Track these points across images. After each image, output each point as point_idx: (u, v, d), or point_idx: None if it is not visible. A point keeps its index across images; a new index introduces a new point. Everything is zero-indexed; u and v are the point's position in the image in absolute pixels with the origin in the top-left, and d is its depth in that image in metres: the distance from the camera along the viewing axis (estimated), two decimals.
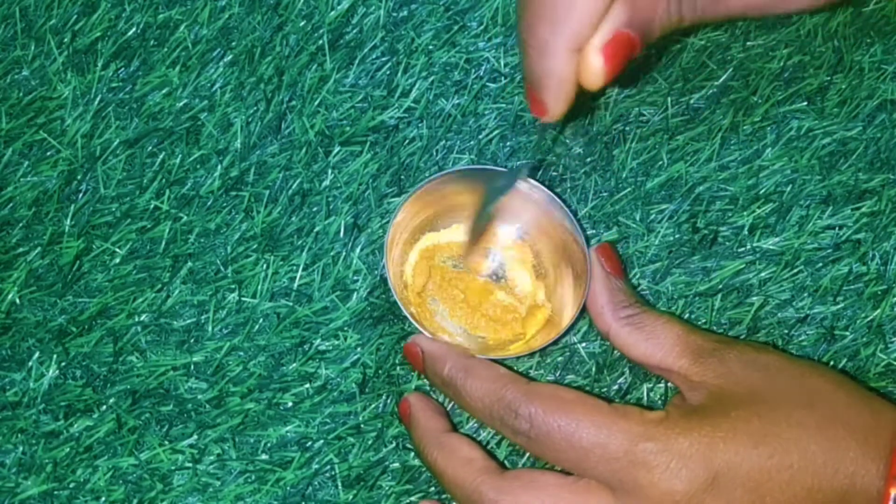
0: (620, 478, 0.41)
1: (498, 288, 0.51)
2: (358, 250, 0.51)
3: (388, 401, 0.49)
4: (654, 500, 0.41)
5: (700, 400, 0.44)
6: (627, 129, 0.55)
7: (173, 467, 0.47)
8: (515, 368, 0.49)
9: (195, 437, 0.48)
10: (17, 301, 0.50)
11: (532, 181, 0.50)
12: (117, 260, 0.51)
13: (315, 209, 0.52)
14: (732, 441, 0.41)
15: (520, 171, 0.49)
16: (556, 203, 0.49)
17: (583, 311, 0.48)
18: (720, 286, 0.51)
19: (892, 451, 0.41)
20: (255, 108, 0.54)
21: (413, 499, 0.48)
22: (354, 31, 0.56)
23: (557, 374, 0.50)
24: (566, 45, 0.41)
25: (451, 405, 0.49)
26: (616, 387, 0.50)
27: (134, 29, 0.55)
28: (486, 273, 0.52)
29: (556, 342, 0.49)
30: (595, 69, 0.42)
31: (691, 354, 0.45)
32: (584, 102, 0.54)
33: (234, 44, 0.55)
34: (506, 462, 0.48)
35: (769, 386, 0.43)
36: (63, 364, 0.48)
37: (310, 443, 0.48)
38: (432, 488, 0.48)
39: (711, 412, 0.42)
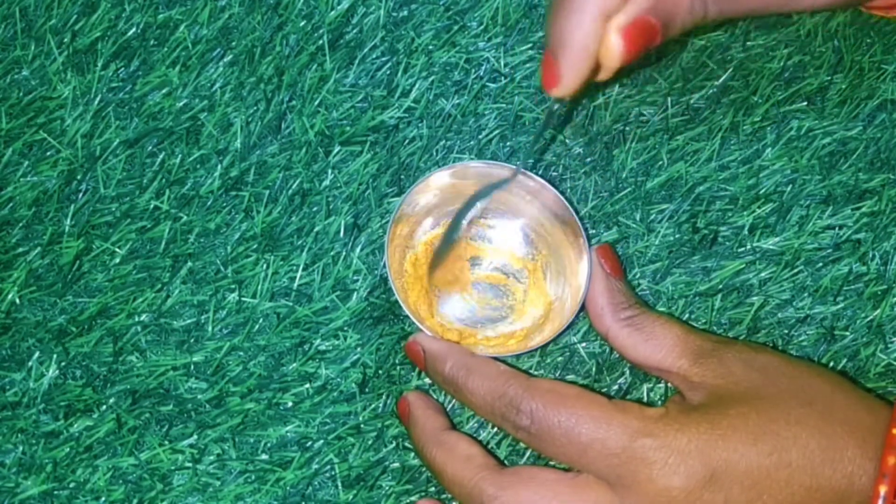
0: (619, 473, 0.41)
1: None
2: (358, 250, 0.51)
3: (388, 401, 0.49)
4: (651, 495, 0.41)
5: (700, 399, 0.44)
6: (627, 129, 0.55)
7: (173, 467, 0.47)
8: (516, 367, 0.49)
9: (195, 437, 0.48)
10: (17, 301, 0.50)
11: (536, 177, 0.49)
12: (117, 260, 0.51)
13: (315, 209, 0.52)
14: (731, 438, 0.41)
15: (513, 176, 0.49)
16: (560, 200, 0.49)
17: (582, 310, 0.48)
18: (720, 286, 0.51)
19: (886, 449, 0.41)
20: (255, 108, 0.54)
21: (413, 498, 0.48)
22: (354, 31, 0.56)
23: (558, 374, 0.50)
24: (595, 11, 0.42)
25: (451, 404, 0.49)
26: (616, 387, 0.50)
27: (134, 29, 0.55)
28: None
29: (555, 341, 0.49)
30: (614, 48, 0.43)
31: (691, 355, 0.45)
32: (586, 97, 0.55)
33: (234, 44, 0.55)
34: (506, 462, 0.48)
35: (768, 385, 0.43)
36: (63, 364, 0.48)
37: (310, 443, 0.48)
38: (432, 488, 0.48)
39: (711, 410, 0.42)
